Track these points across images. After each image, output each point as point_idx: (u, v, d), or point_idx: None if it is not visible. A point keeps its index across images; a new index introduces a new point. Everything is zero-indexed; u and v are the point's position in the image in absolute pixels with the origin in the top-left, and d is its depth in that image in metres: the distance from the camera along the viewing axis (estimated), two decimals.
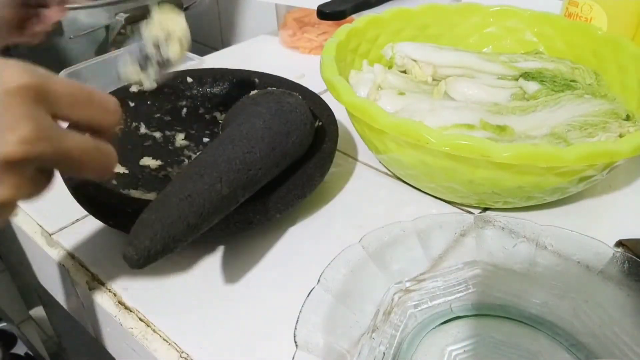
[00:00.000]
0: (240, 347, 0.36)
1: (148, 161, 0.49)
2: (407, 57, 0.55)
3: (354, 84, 0.52)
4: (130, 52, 0.46)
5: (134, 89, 0.53)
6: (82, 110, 0.28)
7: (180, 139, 0.53)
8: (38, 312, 1.01)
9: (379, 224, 0.39)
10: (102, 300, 0.40)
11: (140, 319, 0.38)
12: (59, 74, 0.59)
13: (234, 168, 0.37)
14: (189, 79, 0.56)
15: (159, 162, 0.49)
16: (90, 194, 0.40)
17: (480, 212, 0.47)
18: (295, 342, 0.31)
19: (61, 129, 0.27)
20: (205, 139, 0.54)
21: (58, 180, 0.42)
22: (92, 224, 0.45)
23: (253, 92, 0.49)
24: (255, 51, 0.81)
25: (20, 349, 1.13)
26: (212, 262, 0.42)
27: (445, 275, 0.38)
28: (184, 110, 0.55)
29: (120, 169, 0.47)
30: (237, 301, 0.39)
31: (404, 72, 0.56)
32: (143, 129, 0.52)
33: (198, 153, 0.51)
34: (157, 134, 0.53)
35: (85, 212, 0.43)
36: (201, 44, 1.34)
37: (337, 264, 0.36)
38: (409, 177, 0.47)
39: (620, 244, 0.41)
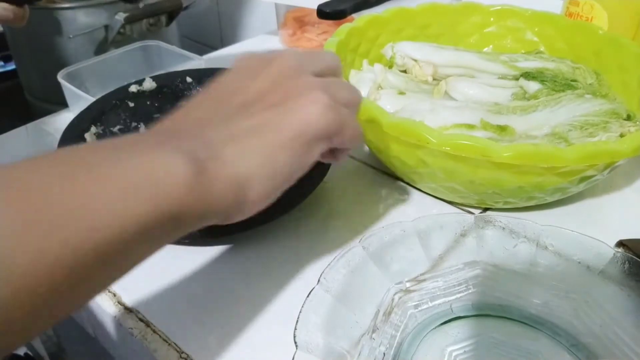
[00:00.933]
0: (240, 348, 0.35)
1: None
2: (408, 57, 0.55)
3: (354, 83, 0.52)
4: None
5: (133, 89, 0.53)
6: None
7: None
8: None
9: (379, 224, 0.39)
10: (102, 300, 0.40)
11: (140, 319, 0.38)
12: (58, 74, 0.59)
13: None
14: (189, 79, 0.56)
15: None
16: None
17: (481, 212, 0.47)
18: (295, 342, 0.31)
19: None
20: None
21: None
22: None
23: None
24: (255, 51, 0.81)
25: (19, 349, 1.13)
26: (212, 263, 0.42)
27: (446, 276, 0.38)
28: None
29: None
30: (237, 301, 0.39)
31: (405, 71, 0.56)
32: (142, 129, 0.52)
33: None
34: None
35: None
36: (201, 44, 1.34)
37: (337, 264, 0.36)
38: (409, 177, 0.47)
39: (621, 244, 0.41)
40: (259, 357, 0.35)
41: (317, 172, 0.43)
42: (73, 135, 0.46)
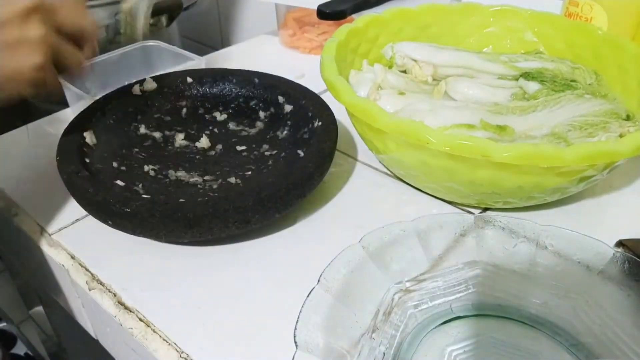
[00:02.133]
0: (240, 347, 0.36)
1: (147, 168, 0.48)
2: (407, 57, 0.55)
3: (354, 83, 0.52)
4: None
5: (134, 89, 0.53)
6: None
7: (179, 139, 0.53)
8: (38, 312, 1.01)
9: (379, 224, 0.39)
10: (102, 300, 0.40)
11: (140, 319, 0.38)
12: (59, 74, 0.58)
13: None
14: (189, 79, 0.56)
15: (157, 166, 0.49)
16: (89, 194, 0.40)
17: (481, 212, 0.47)
18: (295, 342, 0.31)
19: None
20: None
21: (57, 181, 0.42)
22: (92, 224, 0.45)
23: None
24: (255, 51, 0.81)
25: (20, 349, 1.13)
26: (212, 262, 0.42)
27: (446, 276, 0.38)
28: (184, 110, 0.55)
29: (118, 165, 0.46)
30: (237, 301, 0.39)
31: (404, 72, 0.56)
32: (143, 129, 0.52)
33: (197, 154, 0.51)
34: (157, 134, 0.53)
35: (85, 212, 0.43)
36: (201, 44, 1.34)
37: (337, 264, 0.36)
38: (409, 177, 0.47)
39: (620, 244, 0.41)
40: (259, 357, 0.35)
41: (317, 172, 0.43)
42: (73, 135, 0.46)
